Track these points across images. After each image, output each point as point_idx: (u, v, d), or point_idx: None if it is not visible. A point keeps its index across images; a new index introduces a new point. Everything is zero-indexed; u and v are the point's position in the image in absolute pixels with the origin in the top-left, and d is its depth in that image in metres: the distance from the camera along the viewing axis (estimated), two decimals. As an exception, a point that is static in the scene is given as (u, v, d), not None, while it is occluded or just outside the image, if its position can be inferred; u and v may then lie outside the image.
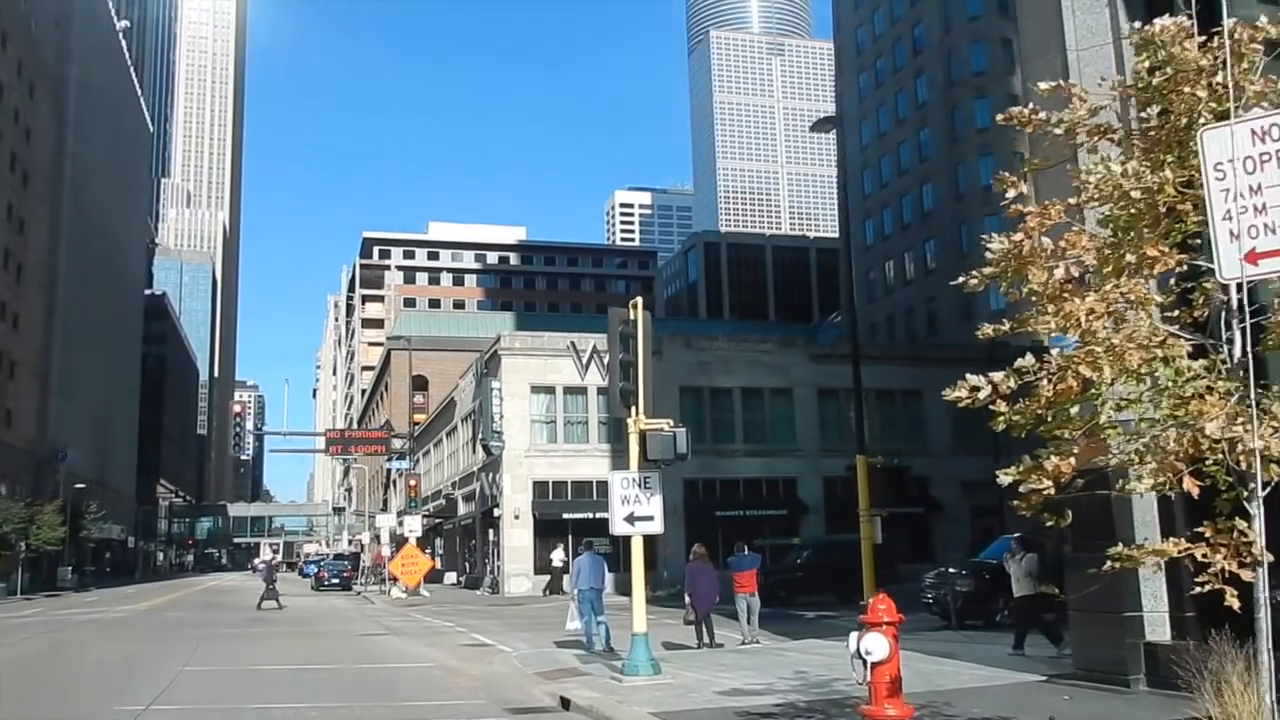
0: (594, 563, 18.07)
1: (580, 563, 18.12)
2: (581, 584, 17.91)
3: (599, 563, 18.17)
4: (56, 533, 60.73)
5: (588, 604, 17.82)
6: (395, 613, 31.68)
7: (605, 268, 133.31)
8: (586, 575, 17.88)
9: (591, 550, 18.41)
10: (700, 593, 18.02)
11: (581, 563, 18.09)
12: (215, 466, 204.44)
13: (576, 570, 18.08)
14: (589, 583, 17.84)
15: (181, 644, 20.70)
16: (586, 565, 17.98)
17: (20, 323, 67.53)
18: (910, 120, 71.86)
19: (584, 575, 17.90)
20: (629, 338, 14.05)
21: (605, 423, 41.68)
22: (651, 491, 13.79)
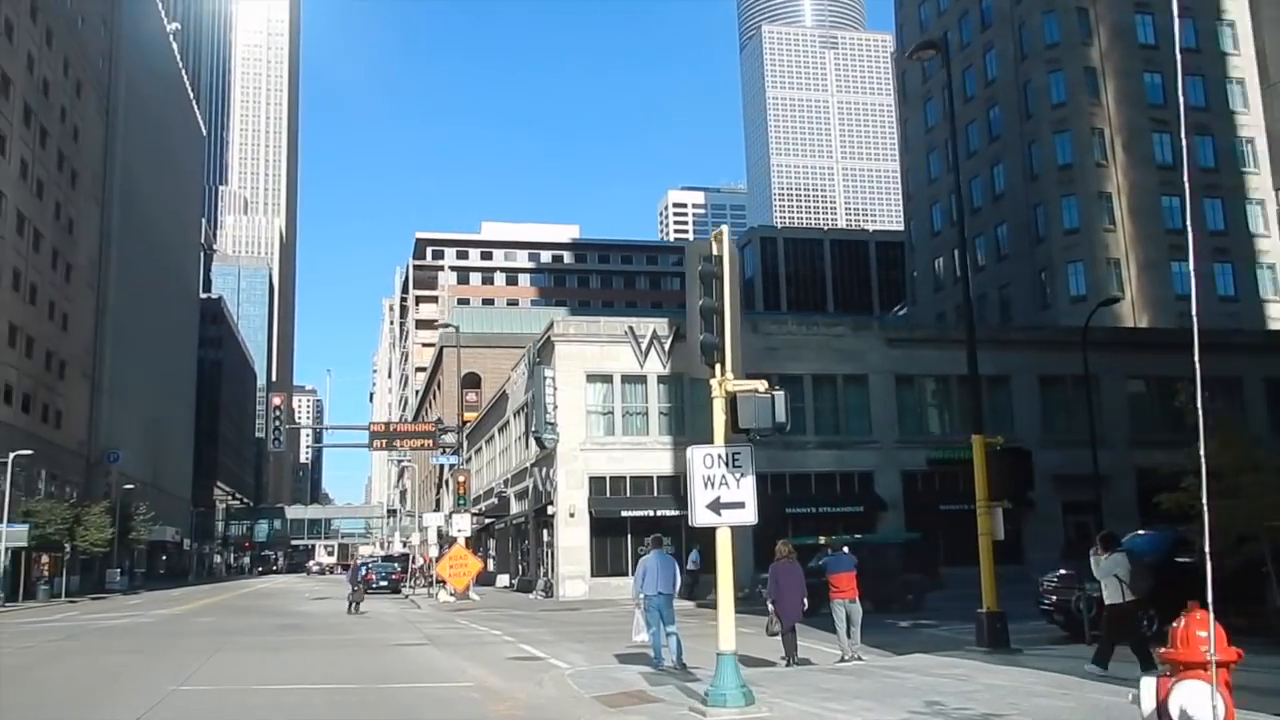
0: (663, 563, 15.19)
1: (646, 563, 15.24)
2: (648, 588, 15.04)
3: (669, 564, 15.28)
4: (104, 534, 59.25)
5: (655, 612, 14.98)
6: (439, 618, 29.06)
7: (660, 265, 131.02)
8: (654, 578, 15.02)
9: (660, 548, 15.47)
10: (786, 599, 14.99)
11: (648, 563, 15.21)
12: (273, 469, 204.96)
13: (642, 572, 15.19)
14: (657, 586, 14.98)
15: (193, 655, 18.18)
16: (654, 566, 15.10)
17: (69, 323, 66.36)
18: (979, 98, 67.97)
19: (651, 578, 15.03)
20: (712, 278, 11.12)
21: (666, 413, 38.83)
22: (742, 471, 10.87)
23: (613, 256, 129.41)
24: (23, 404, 57.21)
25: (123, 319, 78.64)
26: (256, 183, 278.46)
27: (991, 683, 12.47)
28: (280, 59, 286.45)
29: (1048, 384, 42.55)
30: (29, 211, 57.96)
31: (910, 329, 49.85)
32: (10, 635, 24.85)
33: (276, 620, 29.90)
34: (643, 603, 15.17)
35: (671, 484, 38.19)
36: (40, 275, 60.14)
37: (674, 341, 38.52)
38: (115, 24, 78.45)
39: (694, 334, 11.15)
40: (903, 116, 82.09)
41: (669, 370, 38.47)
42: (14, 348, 55.74)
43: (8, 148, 54.61)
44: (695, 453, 10.97)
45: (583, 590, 36.42)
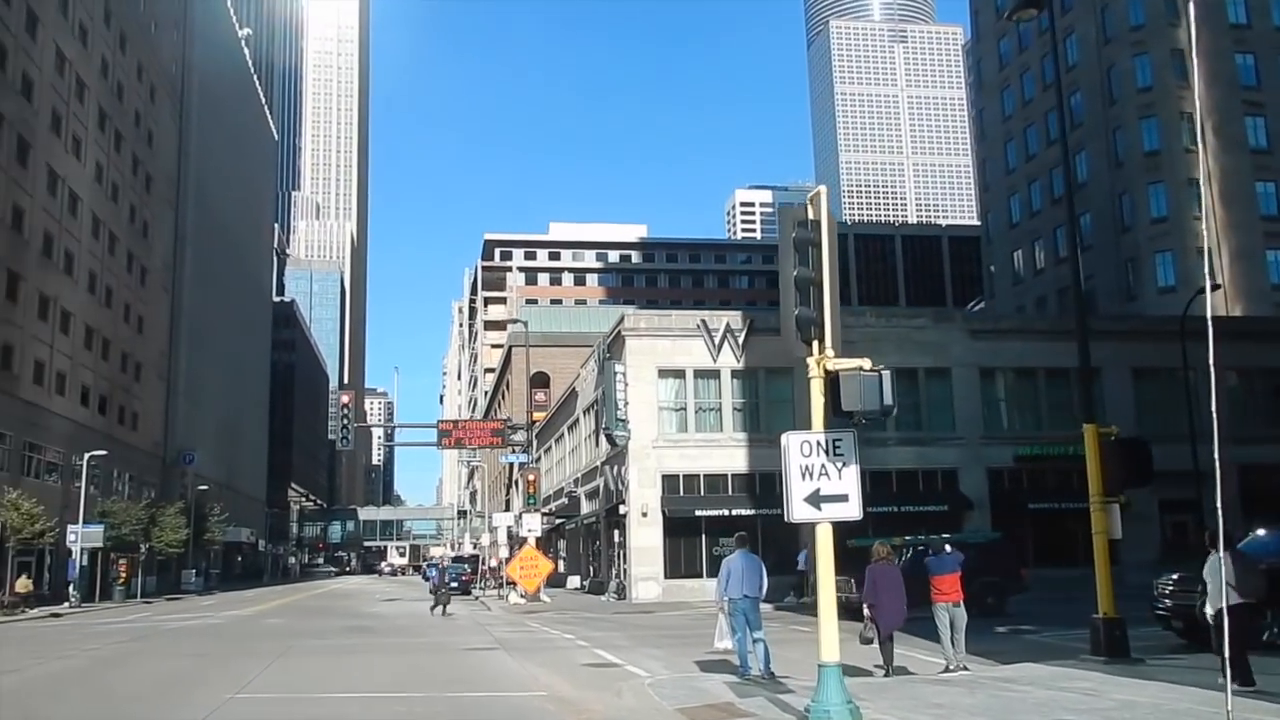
0: (749, 564, 14.04)
1: (731, 564, 14.10)
2: (732, 590, 13.92)
3: (755, 564, 14.12)
4: (179, 535, 59.73)
5: (741, 616, 13.86)
6: (510, 621, 28.20)
7: (728, 263, 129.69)
8: (739, 579, 13.88)
9: (745, 547, 14.31)
10: (885, 604, 13.72)
11: (732, 564, 14.07)
12: (346, 471, 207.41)
13: (726, 573, 14.06)
14: (743, 589, 13.85)
15: (257, 659, 17.46)
16: (740, 567, 13.96)
17: (145, 326, 67.14)
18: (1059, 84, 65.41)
19: (736, 579, 13.90)
20: (808, 245, 9.95)
21: (741, 409, 37.57)
22: (844, 460, 9.69)
23: (680, 255, 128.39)
24: (99, 406, 57.86)
25: (197, 322, 79.59)
26: (328, 188, 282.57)
27: (1125, 698, 11.10)
28: (350, 64, 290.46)
29: (1141, 376, 40.48)
30: (104, 215, 58.64)
31: (995, 320, 47.87)
32: (80, 637, 24.52)
33: (346, 622, 29.31)
34: (727, 606, 14.06)
35: (747, 482, 36.98)
36: (116, 278, 60.84)
37: (748, 335, 37.30)
38: (187, 29, 79.39)
39: (788, 307, 9.99)
40: (978, 106, 79.75)
41: (743, 365, 37.24)
42: (90, 350, 56.37)
43: (83, 152, 55.24)
44: (791, 440, 9.81)
45: (656, 592, 35.34)
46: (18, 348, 47.05)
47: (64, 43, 52.58)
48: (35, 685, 14.67)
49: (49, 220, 50.73)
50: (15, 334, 46.82)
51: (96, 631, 26.83)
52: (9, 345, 46.25)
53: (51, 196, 51.09)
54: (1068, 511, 37.56)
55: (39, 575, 48.33)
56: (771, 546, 36.35)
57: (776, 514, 34.64)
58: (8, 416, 45.94)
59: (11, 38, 46.41)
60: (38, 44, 49.36)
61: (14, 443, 46.63)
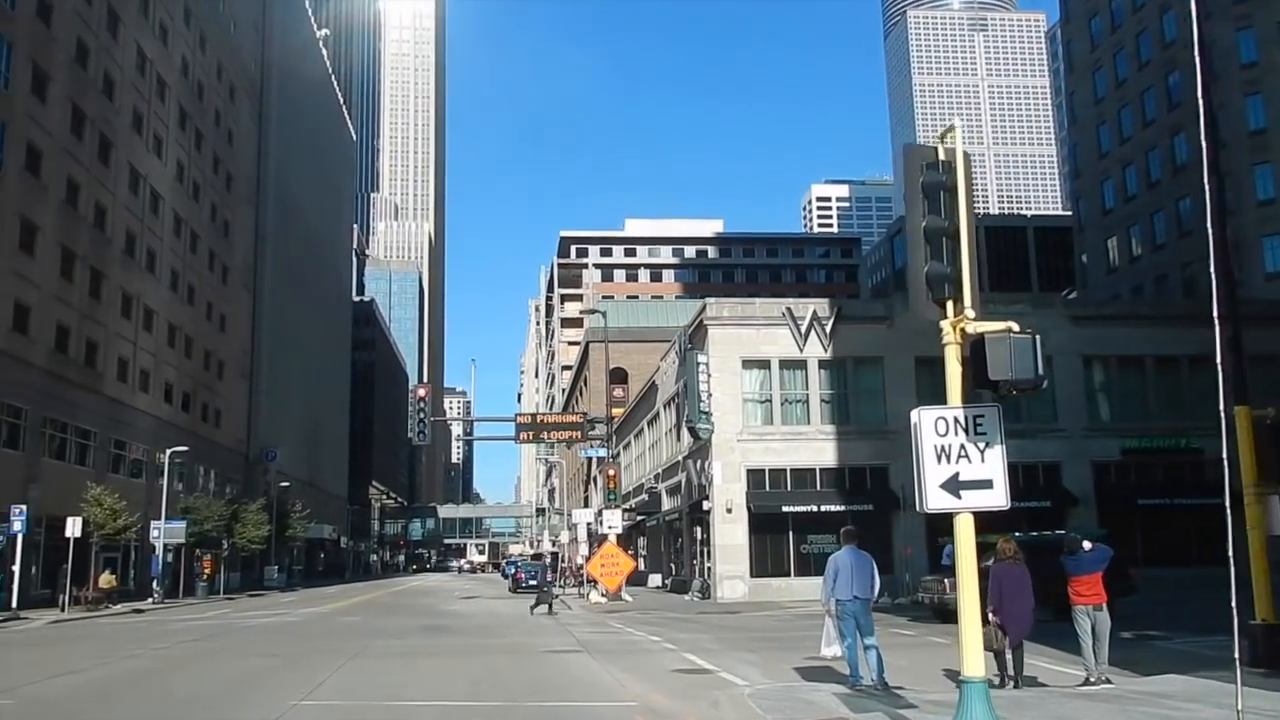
0: (859, 562, 12.63)
1: (838, 562, 12.70)
2: (841, 591, 12.53)
3: (866, 562, 12.70)
4: (261, 531, 59.96)
5: (851, 620, 12.46)
6: (591, 621, 27.05)
7: (806, 257, 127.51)
8: (848, 579, 12.49)
9: (854, 543, 12.89)
10: (1012, 608, 12.17)
11: (840, 562, 12.67)
12: (425, 469, 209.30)
13: (833, 572, 12.66)
14: (853, 589, 12.46)
15: (329, 659, 16.54)
16: (849, 564, 12.56)
17: (227, 324, 67.70)
18: (1156, 63, 62.33)
19: (845, 579, 12.51)
20: (939, 190, 8.54)
21: (828, 401, 35.97)
22: (987, 439, 8.26)
23: (757, 250, 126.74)
24: (183, 403, 58.31)
25: (278, 321, 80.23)
26: (406, 188, 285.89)
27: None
28: (427, 65, 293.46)
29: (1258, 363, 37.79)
30: (185, 214, 59.07)
31: (1099, 305, 45.50)
32: (153, 635, 24.00)
33: (423, 621, 28.47)
34: (834, 609, 12.65)
35: (835, 477, 35.39)
36: (197, 276, 61.30)
37: (835, 323, 35.71)
38: (266, 29, 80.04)
39: (916, 263, 8.58)
40: (1068, 89, 76.61)
41: (830, 354, 35.65)
42: (173, 347, 56.78)
43: (164, 151, 55.65)
44: (924, 416, 8.40)
45: (742, 591, 33.93)
46: (102, 345, 47.39)
47: (145, 42, 52.96)
48: (93, 688, 13.89)
49: (131, 218, 51.10)
50: (99, 331, 47.15)
51: (172, 629, 26.36)
52: (93, 343, 46.59)
53: (133, 195, 51.47)
54: (1179, 508, 35.32)
55: (124, 571, 48.69)
56: (866, 545, 34.71)
57: (868, 510, 32.96)
58: (93, 414, 46.29)
59: (93, 37, 46.73)
60: (119, 43, 49.71)
61: (100, 440, 46.98)
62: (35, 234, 41.26)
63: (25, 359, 40.40)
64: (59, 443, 43.42)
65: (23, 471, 39.49)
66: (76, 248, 44.94)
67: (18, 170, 39.86)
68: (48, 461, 41.97)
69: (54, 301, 42.82)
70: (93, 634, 25.04)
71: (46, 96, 42.23)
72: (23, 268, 40.26)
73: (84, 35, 45.84)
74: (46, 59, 42.26)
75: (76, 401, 44.70)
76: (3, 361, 38.50)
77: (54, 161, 42.78)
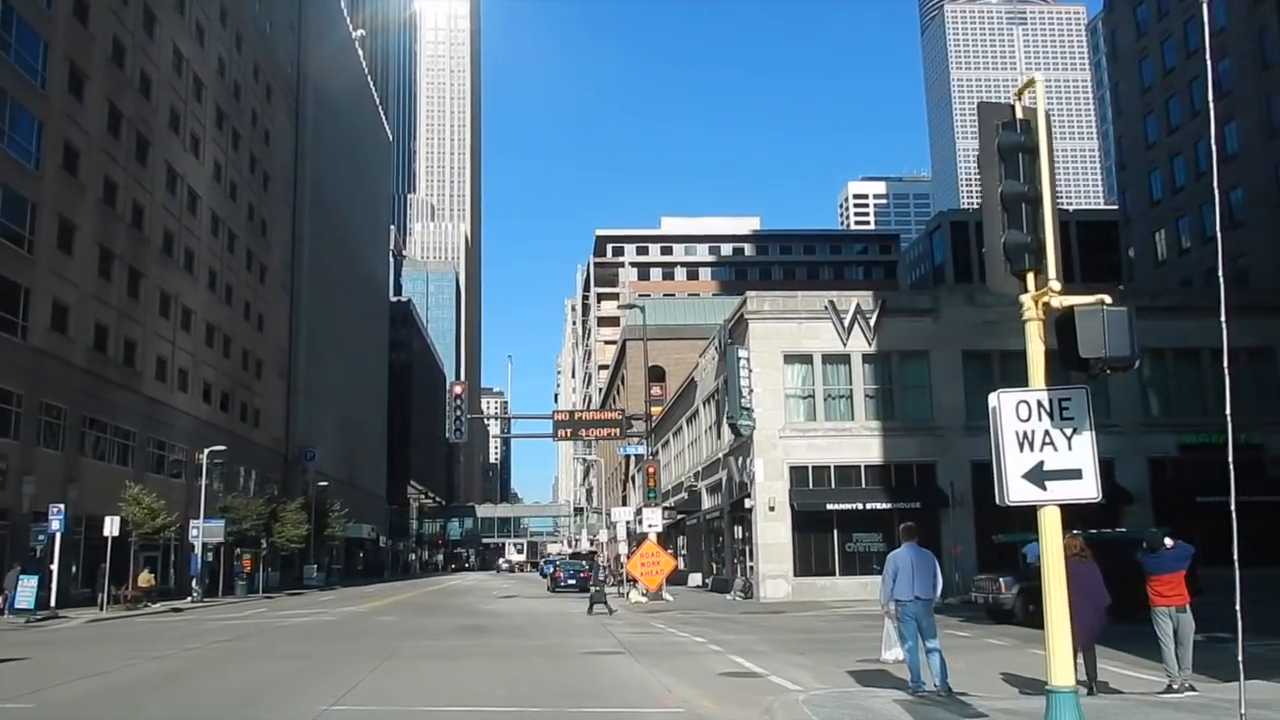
0: (920, 560, 11.85)
1: (898, 560, 11.92)
2: (901, 592, 11.77)
3: (927, 560, 11.93)
4: (299, 530, 59.89)
5: (912, 622, 11.70)
6: (632, 621, 26.37)
7: (844, 254, 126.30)
8: (909, 579, 11.72)
9: (914, 540, 12.12)
10: (1083, 609, 11.29)
11: (900, 560, 11.89)
12: (463, 469, 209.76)
13: (893, 571, 11.89)
14: (914, 590, 11.69)
15: (361, 662, 15.98)
16: (910, 562, 11.79)
17: (265, 323, 67.79)
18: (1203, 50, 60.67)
19: (905, 578, 11.74)
20: (1017, 150, 7.78)
21: (873, 396, 35.06)
22: (1075, 425, 7.52)
23: (795, 247, 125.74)
24: (221, 402, 58.37)
25: (316, 320, 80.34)
26: (442, 189, 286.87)
27: None
28: (462, 66, 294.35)
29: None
30: (223, 213, 59.13)
31: (1152, 296, 44.05)
32: (188, 634, 23.63)
33: (460, 620, 27.93)
34: (894, 610, 11.89)
35: (881, 474, 34.47)
36: (235, 276, 61.36)
37: (880, 316, 34.79)
38: (302, 30, 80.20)
39: (993, 232, 7.82)
40: (1113, 79, 74.94)
41: (875, 348, 34.73)
42: (211, 347, 56.82)
43: (201, 150, 55.70)
44: (1004, 401, 7.66)
45: (785, 591, 33.11)
46: (140, 344, 47.42)
47: (181, 42, 53.00)
48: (117, 691, 13.41)
49: (169, 218, 51.14)
50: (137, 331, 47.18)
51: (206, 628, 26.01)
52: (131, 342, 46.61)
53: (171, 194, 51.50)
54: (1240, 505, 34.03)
55: (165, 570, 48.70)
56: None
57: (915, 508, 31.98)
58: (132, 413, 46.32)
59: (129, 36, 46.76)
60: (155, 42, 49.74)
61: (139, 439, 47.02)
62: (73, 233, 41.28)
63: (64, 358, 40.44)
64: (98, 442, 43.47)
65: (62, 471, 39.52)
66: (114, 247, 44.97)
67: (55, 169, 39.88)
68: (87, 461, 42.01)
69: (92, 301, 42.84)
70: (128, 633, 24.74)
71: (83, 96, 42.25)
72: (61, 267, 40.28)
73: (120, 34, 45.86)
74: (83, 58, 42.28)
75: (116, 401, 44.73)
76: (42, 361, 38.53)
77: (91, 161, 42.81)
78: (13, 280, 36.69)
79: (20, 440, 36.85)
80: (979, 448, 35.01)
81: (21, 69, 37.64)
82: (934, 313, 35.53)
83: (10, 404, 36.46)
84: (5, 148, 36.56)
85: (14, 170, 37.07)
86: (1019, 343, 27.66)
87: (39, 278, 38.50)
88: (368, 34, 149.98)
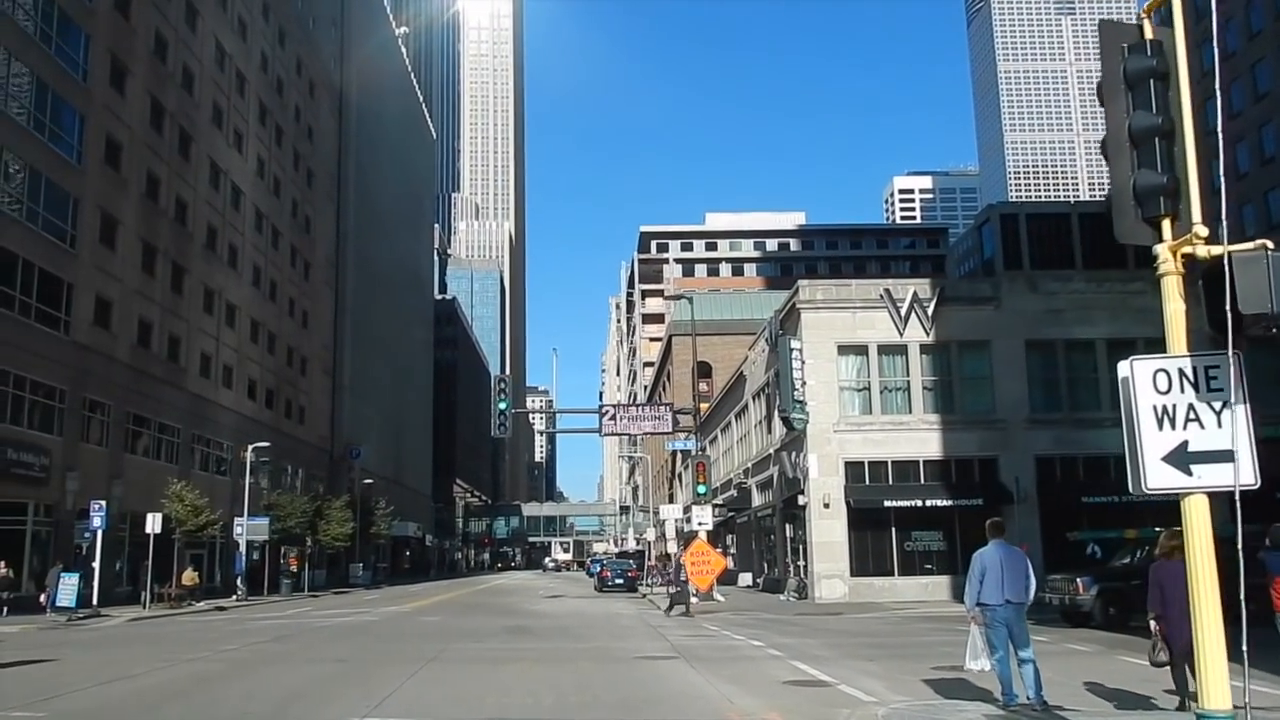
0: (1011, 559, 10.66)
1: (985, 560, 10.73)
2: (989, 595, 10.58)
3: (1019, 560, 10.73)
4: (345, 529, 59.48)
5: (1003, 629, 10.50)
6: (684, 623, 25.29)
7: (891, 249, 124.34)
8: (998, 581, 10.54)
9: (1002, 536, 10.93)
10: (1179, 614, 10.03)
11: (988, 558, 10.70)
12: (510, 468, 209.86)
13: (980, 571, 10.70)
14: (1005, 593, 10.51)
15: (400, 667, 15.07)
16: (999, 562, 10.60)
17: (310, 320, 67.54)
18: (1267, 33, 58.30)
19: (994, 580, 10.56)
20: (1148, 78, 6.61)
21: (931, 388, 33.67)
22: (1224, 398, 6.31)
23: (841, 242, 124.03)
24: (266, 399, 58.09)
25: (361, 317, 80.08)
26: (486, 188, 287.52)
27: None
28: (505, 66, 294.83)
29: None
30: (267, 209, 58.84)
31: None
32: (225, 635, 22.91)
33: (505, 621, 27.02)
34: (982, 616, 10.70)
35: (940, 469, 33.07)
36: (280, 272, 61.09)
37: (938, 305, 33.39)
38: (345, 27, 79.98)
39: (1121, 173, 6.66)
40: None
41: (933, 338, 33.34)
42: (256, 343, 56.55)
43: (244, 146, 55.41)
44: (1140, 370, 6.49)
45: (841, 591, 31.83)
46: (184, 340, 47.13)
47: (223, 36, 52.71)
48: (138, 698, 12.57)
49: (212, 213, 50.85)
50: (181, 326, 46.89)
51: (246, 628, 25.32)
52: (175, 337, 46.33)
53: (214, 189, 51.21)
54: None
55: (210, 568, 48.43)
56: (975, 543, 32.38)
57: (977, 504, 30.41)
58: (176, 409, 46.04)
59: (171, 30, 46.47)
60: (197, 37, 49.45)
61: (184, 436, 46.73)
62: (116, 228, 40.98)
63: (108, 354, 40.14)
64: (143, 439, 43.19)
65: (106, 467, 39.22)
66: (158, 242, 44.67)
67: (97, 163, 39.56)
68: (131, 457, 41.72)
69: (136, 296, 42.55)
70: (165, 633, 24.10)
71: (125, 89, 41.93)
72: (104, 262, 39.98)
73: (162, 28, 45.56)
74: (125, 52, 41.98)
75: (160, 397, 44.44)
76: (86, 356, 38.23)
77: (134, 155, 42.50)
78: (55, 275, 36.38)
79: (64, 436, 36.56)
80: (1042, 441, 33.63)
81: (63, 62, 37.34)
82: (995, 300, 34.05)
83: (53, 399, 36.17)
84: (46, 141, 36.28)
85: (56, 164, 36.77)
86: (1085, 331, 26.24)
87: (82, 272, 38.20)
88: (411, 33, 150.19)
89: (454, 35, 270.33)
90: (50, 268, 36.01)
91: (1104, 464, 32.39)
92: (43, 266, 35.58)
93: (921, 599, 31.13)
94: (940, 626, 22.25)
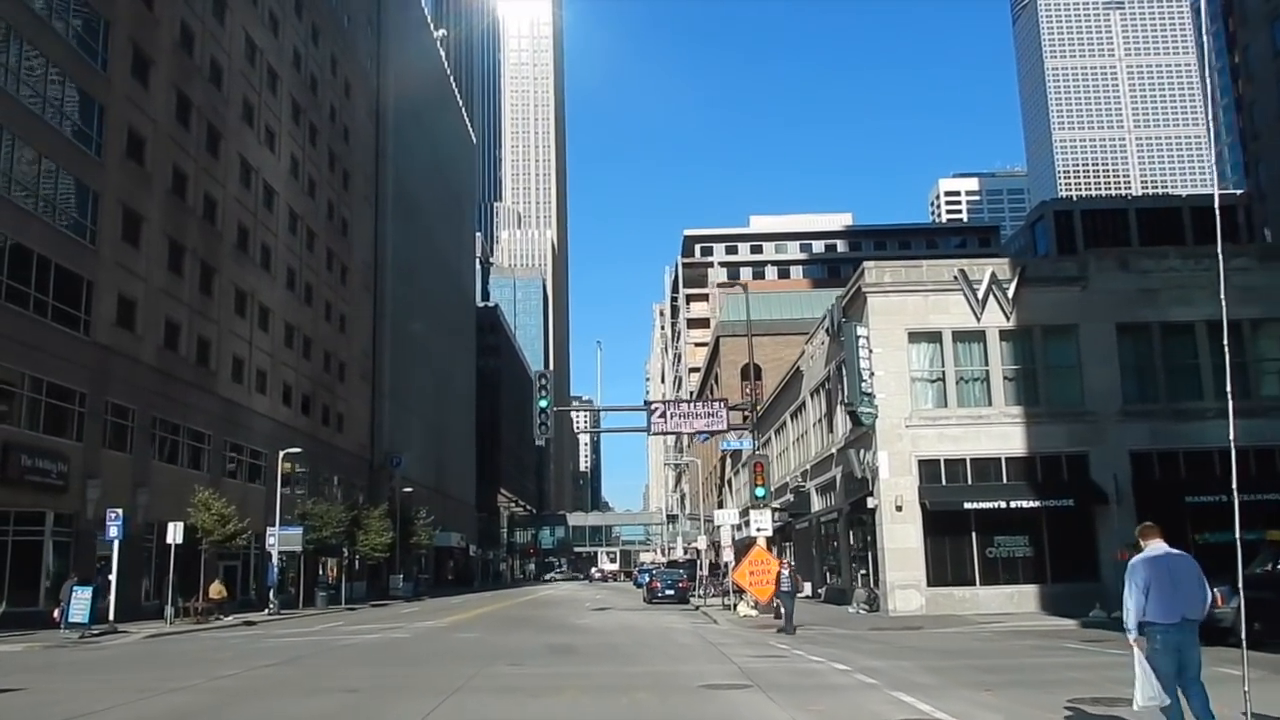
0: (1180, 568, 8.12)
1: (1151, 568, 8.15)
2: (1157, 612, 8.00)
3: (1190, 568, 8.16)
4: (384, 539, 57.37)
5: (1173, 653, 7.88)
6: (748, 640, 22.57)
7: (940, 248, 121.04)
8: (1168, 593, 7.99)
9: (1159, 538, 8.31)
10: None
11: (1154, 567, 8.10)
12: (554, 477, 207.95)
13: (1144, 583, 8.14)
14: (1173, 610, 7.95)
15: (418, 701, 12.58)
16: (1166, 572, 8.03)
17: (347, 325, 65.69)
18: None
19: (1163, 594, 7.99)
20: None
21: (1012, 378, 30.73)
22: None
23: (889, 243, 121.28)
24: (302, 405, 56.16)
25: (400, 323, 78.22)
26: (528, 196, 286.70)
27: None
28: (545, 74, 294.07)
29: None
30: (301, 210, 57.01)
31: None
32: (234, 656, 20.56)
33: (548, 638, 24.47)
34: (1149, 640, 8.09)
35: (1025, 468, 30.10)
36: (315, 275, 59.24)
37: (1019, 286, 30.47)
38: (382, 26, 78.37)
39: None
40: (1242, 42, 68.93)
41: (1014, 323, 30.42)
42: (291, 347, 54.66)
43: (277, 144, 53.62)
44: None
45: (918, 603, 28.93)
46: (214, 343, 45.26)
47: (253, 31, 50.97)
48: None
49: (243, 212, 49.03)
50: (211, 329, 45.03)
51: (261, 647, 23.00)
52: (205, 340, 44.46)
53: (245, 188, 49.40)
54: None
55: (245, 580, 46.51)
56: (1065, 548, 29.44)
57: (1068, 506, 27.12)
58: (207, 415, 44.16)
59: (198, 21, 44.72)
60: (226, 30, 47.69)
61: (214, 442, 44.82)
62: (140, 224, 39.13)
63: (133, 356, 38.26)
64: (170, 445, 41.27)
65: (131, 475, 37.31)
66: (185, 240, 42.84)
67: (118, 156, 37.70)
68: (158, 464, 39.78)
69: (162, 296, 40.69)
70: (173, 653, 21.87)
71: (149, 81, 40.11)
72: (127, 259, 38.11)
73: (188, 19, 43.80)
74: (148, 42, 40.18)
75: (189, 401, 42.54)
76: (108, 358, 36.33)
77: (158, 149, 40.66)
78: (73, 271, 34.49)
79: (84, 441, 34.61)
80: (1138, 435, 30.50)
81: (77, 46, 35.50)
82: (1082, 280, 31.01)
83: (72, 402, 34.25)
84: (60, 128, 34.42)
85: (71, 154, 34.91)
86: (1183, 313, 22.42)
87: (102, 270, 36.31)
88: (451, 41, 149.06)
89: (494, 44, 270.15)
90: (65, 263, 34.10)
91: (1207, 460, 29.23)
92: (59, 262, 33.71)
93: (1007, 611, 28.20)
94: (1046, 645, 19.41)
